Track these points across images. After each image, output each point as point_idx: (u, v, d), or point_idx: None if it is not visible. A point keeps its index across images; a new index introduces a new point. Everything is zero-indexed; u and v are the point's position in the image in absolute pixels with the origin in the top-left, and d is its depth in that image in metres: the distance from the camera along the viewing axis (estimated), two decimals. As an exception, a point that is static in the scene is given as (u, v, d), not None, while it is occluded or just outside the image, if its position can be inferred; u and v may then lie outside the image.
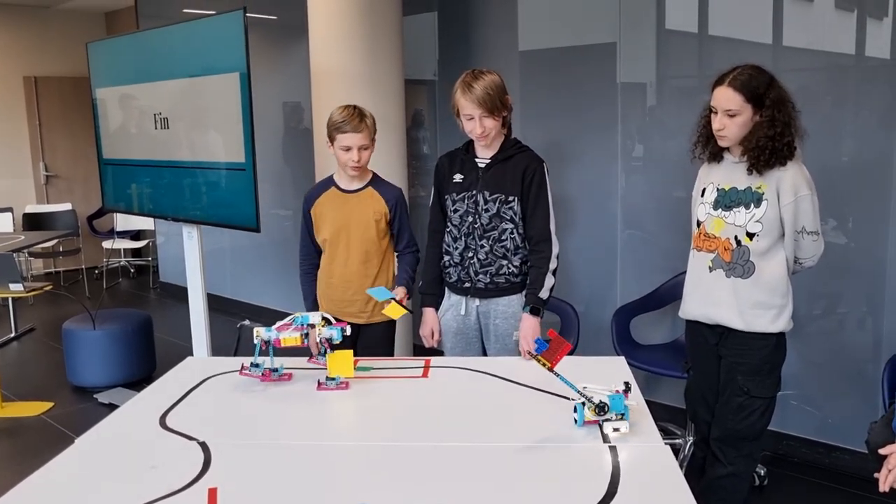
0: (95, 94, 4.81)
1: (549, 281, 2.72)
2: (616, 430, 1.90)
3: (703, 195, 2.61)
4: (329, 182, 3.04)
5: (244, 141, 3.77)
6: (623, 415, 1.91)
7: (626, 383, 2.00)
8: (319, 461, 1.86)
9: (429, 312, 2.91)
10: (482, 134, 2.67)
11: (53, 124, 8.40)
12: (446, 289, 2.91)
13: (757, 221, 2.44)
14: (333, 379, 2.33)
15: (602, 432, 1.90)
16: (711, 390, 2.67)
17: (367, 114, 2.91)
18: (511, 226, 2.74)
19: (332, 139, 2.89)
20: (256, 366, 2.38)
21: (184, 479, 1.73)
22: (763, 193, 2.44)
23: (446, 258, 2.86)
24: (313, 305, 3.06)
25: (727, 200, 2.51)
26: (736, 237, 2.48)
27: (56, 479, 1.78)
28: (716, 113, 2.46)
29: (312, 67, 4.47)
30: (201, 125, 4.11)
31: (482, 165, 2.76)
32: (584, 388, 1.94)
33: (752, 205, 2.45)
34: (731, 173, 2.53)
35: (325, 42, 4.39)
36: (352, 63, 4.30)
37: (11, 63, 8.18)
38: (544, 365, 1.92)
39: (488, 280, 2.77)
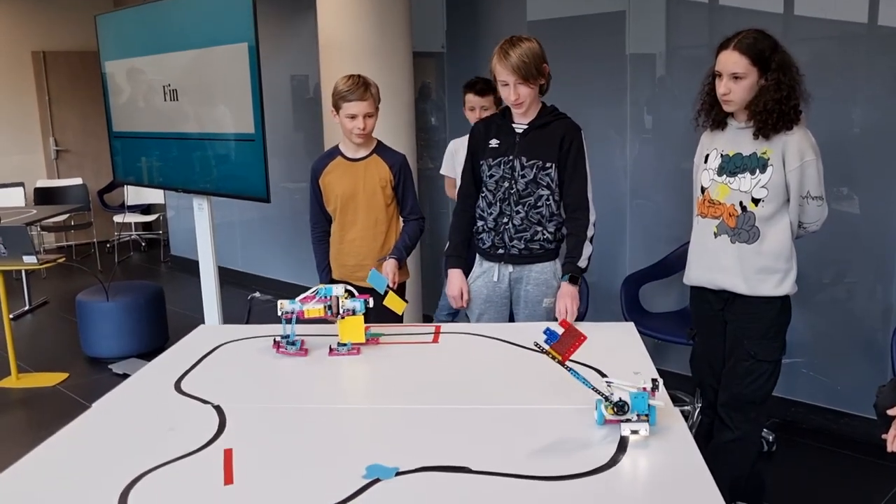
0: (105, 67, 4.82)
1: (588, 249, 2.71)
2: (634, 432, 1.70)
3: (706, 161, 2.61)
4: (335, 152, 3.09)
5: (253, 111, 3.78)
6: (647, 415, 1.71)
7: (654, 380, 1.77)
8: (331, 423, 1.89)
9: (455, 273, 2.87)
10: (517, 101, 2.66)
11: (63, 99, 8.42)
12: (478, 255, 2.90)
13: (762, 187, 2.45)
14: (344, 345, 2.36)
15: (620, 434, 1.72)
16: (717, 356, 2.69)
17: (372, 82, 2.95)
18: (547, 192, 2.73)
19: (337, 108, 2.95)
20: (288, 339, 2.38)
21: (200, 441, 1.76)
22: (768, 159, 2.44)
23: (480, 223, 2.84)
24: (326, 272, 3.12)
25: (732, 166, 2.51)
26: (741, 203, 2.48)
27: (74, 441, 1.82)
28: (720, 77, 2.45)
29: (321, 40, 4.46)
30: (210, 96, 4.11)
31: (519, 131, 2.74)
32: (610, 383, 1.76)
33: (758, 170, 2.45)
34: (736, 139, 2.52)
35: (333, 14, 4.39)
36: (360, 35, 4.30)
37: (20, 38, 8.18)
38: (554, 358, 1.76)
39: (522, 246, 2.76)
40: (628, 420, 1.71)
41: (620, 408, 1.70)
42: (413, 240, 3.09)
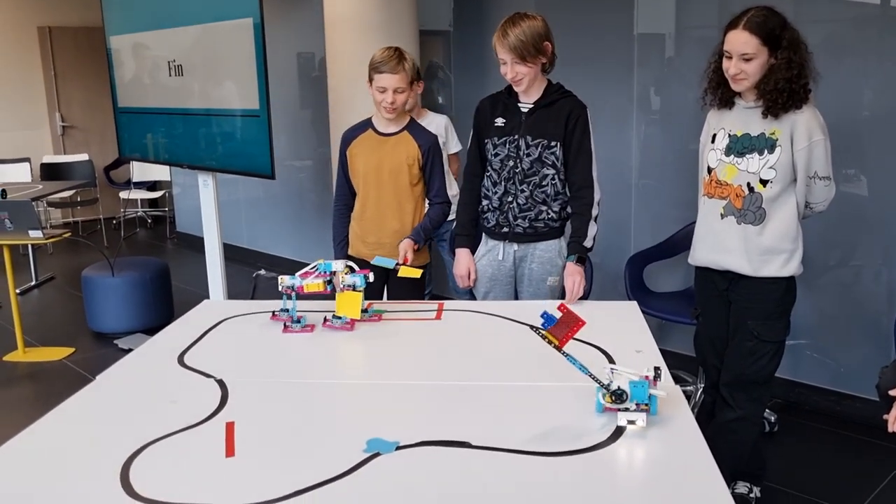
0: (110, 42, 4.80)
1: (593, 229, 2.71)
2: (631, 422, 1.65)
3: (713, 141, 2.59)
4: (367, 124, 3.03)
5: (258, 87, 3.76)
6: (647, 405, 1.66)
7: (657, 369, 1.70)
8: (332, 398, 1.90)
9: (463, 253, 2.87)
10: (513, 79, 2.65)
11: (68, 75, 8.40)
12: (483, 234, 2.89)
13: (770, 168, 2.43)
14: (340, 318, 2.37)
15: (617, 423, 1.67)
16: (720, 336, 2.69)
17: (408, 57, 2.88)
18: (552, 171, 2.72)
19: (370, 79, 2.89)
20: (291, 316, 2.40)
21: (202, 414, 1.77)
22: (777, 139, 2.41)
23: (485, 202, 2.84)
24: (342, 246, 3.07)
25: (740, 147, 2.49)
26: (748, 184, 2.47)
27: (78, 413, 1.84)
28: (729, 57, 2.42)
29: (327, 17, 4.44)
30: (215, 72, 4.10)
31: (525, 110, 2.73)
32: (613, 370, 1.70)
33: (766, 151, 2.43)
34: (744, 119, 2.50)
35: (339, -10, 4.36)
36: (366, 13, 4.27)
37: (25, 13, 8.15)
38: (551, 343, 1.70)
39: (527, 225, 2.76)
40: (626, 409, 1.67)
41: (618, 396, 1.66)
42: (435, 224, 3.02)
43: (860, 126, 3.41)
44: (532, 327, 1.75)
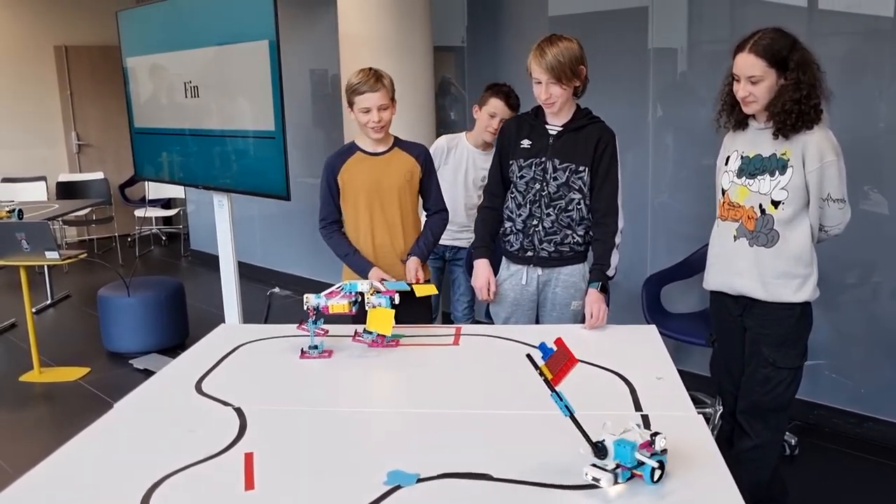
0: (126, 62, 4.83)
1: (615, 257, 2.69)
2: (596, 480, 1.48)
3: (727, 163, 2.57)
4: (353, 147, 2.97)
5: (274, 108, 3.77)
6: (633, 468, 1.50)
7: (654, 434, 1.53)
8: (352, 427, 1.89)
9: (481, 264, 2.81)
10: (546, 100, 2.64)
11: (85, 93, 8.47)
12: (505, 258, 2.85)
13: (782, 189, 2.40)
14: (370, 333, 2.36)
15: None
16: (736, 363, 2.64)
17: (385, 74, 2.85)
18: (579, 196, 2.70)
19: (351, 103, 2.86)
20: (316, 322, 2.37)
21: (221, 444, 1.76)
22: (788, 160, 2.39)
23: (508, 224, 2.81)
24: (357, 255, 2.90)
25: (751, 168, 2.47)
26: (760, 205, 2.44)
27: (97, 443, 1.83)
28: (738, 80, 2.41)
29: (341, 34, 4.46)
30: (231, 93, 4.11)
31: (553, 133, 2.71)
32: (637, 425, 1.56)
33: (777, 172, 2.41)
34: (756, 140, 2.48)
35: (353, 8, 4.38)
36: (380, 29, 4.30)
37: (42, 32, 8.24)
38: (542, 376, 1.58)
39: (552, 249, 2.73)
40: (603, 468, 1.49)
41: (599, 451, 1.51)
42: (437, 236, 2.98)
43: (876, 141, 3.38)
44: (528, 357, 1.62)
